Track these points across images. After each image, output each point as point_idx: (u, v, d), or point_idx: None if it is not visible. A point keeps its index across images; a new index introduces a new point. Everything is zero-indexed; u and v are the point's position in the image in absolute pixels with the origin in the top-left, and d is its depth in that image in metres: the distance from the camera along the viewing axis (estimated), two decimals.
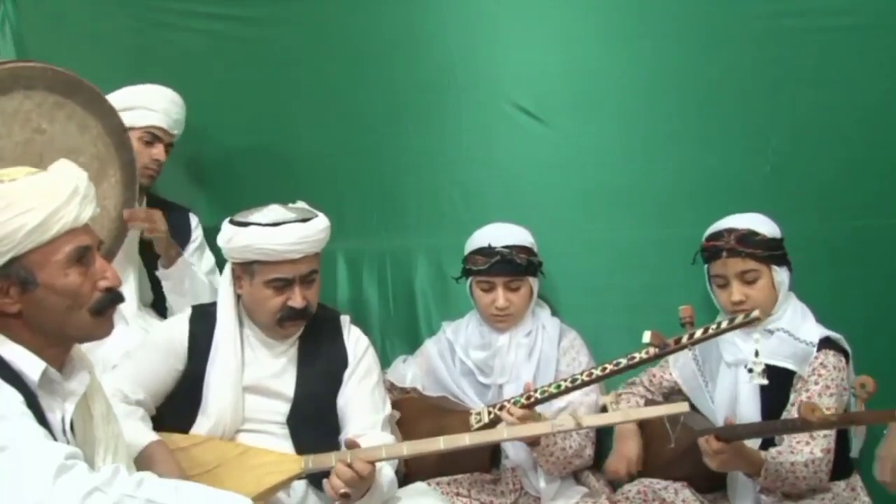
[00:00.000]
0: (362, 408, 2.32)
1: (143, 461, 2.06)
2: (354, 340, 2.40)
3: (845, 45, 2.77)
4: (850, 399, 2.38)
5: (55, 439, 1.60)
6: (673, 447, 2.31)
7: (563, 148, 2.94)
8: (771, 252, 2.41)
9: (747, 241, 2.39)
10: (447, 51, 3.00)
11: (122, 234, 2.64)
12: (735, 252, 2.39)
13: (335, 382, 2.34)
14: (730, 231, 2.42)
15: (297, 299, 2.25)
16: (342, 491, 2.01)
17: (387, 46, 3.04)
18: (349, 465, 2.02)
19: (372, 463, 2.05)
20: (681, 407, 2.22)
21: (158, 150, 2.81)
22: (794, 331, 2.41)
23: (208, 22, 3.16)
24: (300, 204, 2.36)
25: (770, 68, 2.82)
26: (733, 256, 2.39)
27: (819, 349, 2.38)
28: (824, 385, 2.33)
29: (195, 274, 2.79)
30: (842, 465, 2.37)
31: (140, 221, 2.63)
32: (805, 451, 2.28)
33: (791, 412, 2.34)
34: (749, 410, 2.39)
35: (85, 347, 2.25)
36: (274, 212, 2.27)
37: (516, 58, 2.96)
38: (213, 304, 2.36)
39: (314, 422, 2.30)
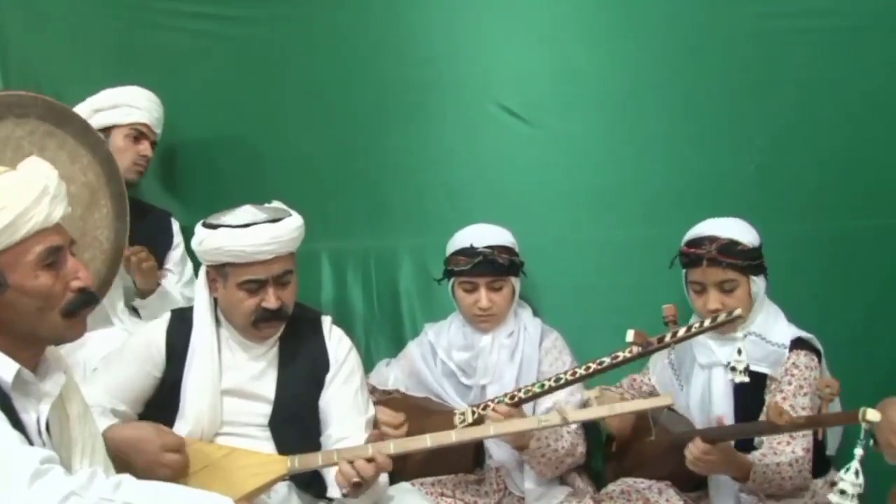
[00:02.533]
0: (346, 411, 2.31)
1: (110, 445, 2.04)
2: (336, 342, 2.39)
3: (831, 47, 2.79)
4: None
5: (30, 441, 1.59)
6: (653, 440, 2.31)
7: (549, 148, 2.94)
8: (750, 262, 2.40)
9: (728, 252, 2.38)
10: (433, 51, 3.00)
11: (116, 264, 2.63)
12: (715, 262, 2.37)
13: (317, 384, 2.33)
14: (711, 240, 2.40)
15: (270, 300, 2.23)
16: (355, 480, 2.01)
17: (373, 46, 3.04)
18: (370, 460, 2.02)
19: (391, 457, 2.05)
20: (664, 400, 2.24)
21: (145, 147, 2.84)
22: (765, 334, 2.42)
23: (194, 21, 3.15)
24: (276, 203, 2.34)
25: (756, 69, 2.84)
26: (713, 266, 2.38)
27: (791, 349, 2.39)
28: (798, 385, 2.34)
29: (172, 298, 2.79)
30: (819, 463, 2.37)
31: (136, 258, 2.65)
32: (787, 451, 2.28)
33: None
34: (722, 412, 2.39)
35: (66, 349, 2.25)
36: (245, 213, 2.26)
37: (502, 58, 2.97)
38: (192, 309, 2.35)
39: (296, 423, 2.29)
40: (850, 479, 1.75)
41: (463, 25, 2.99)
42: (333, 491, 2.15)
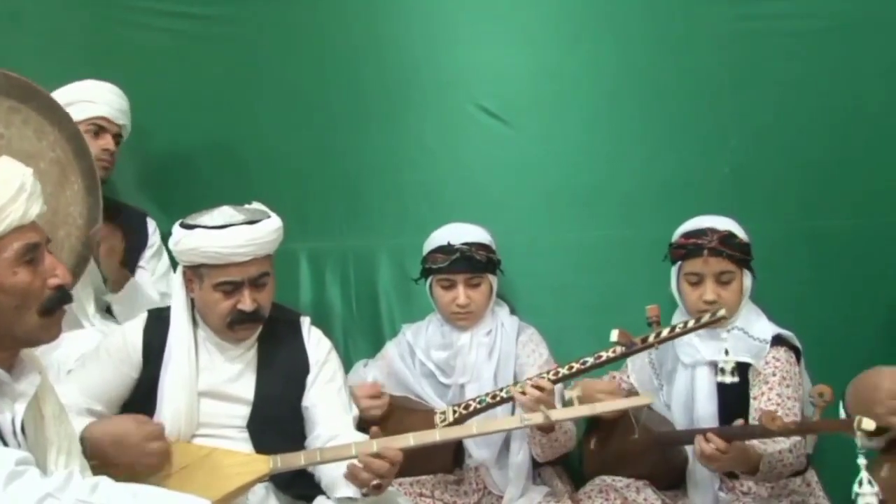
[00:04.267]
0: (332, 410, 2.30)
1: (89, 442, 2.03)
2: (315, 342, 2.37)
3: (805, 48, 2.82)
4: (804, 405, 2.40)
5: (5, 442, 1.57)
6: (636, 438, 2.32)
7: (527, 149, 2.96)
8: (745, 256, 2.45)
9: (728, 243, 2.42)
10: (411, 51, 3.01)
11: (90, 240, 2.59)
12: (716, 251, 2.40)
13: (297, 386, 2.32)
14: (712, 231, 2.43)
15: (246, 302, 2.21)
16: (375, 482, 2.00)
17: (351, 46, 3.04)
18: (378, 456, 2.01)
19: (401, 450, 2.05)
20: (645, 399, 2.27)
21: (106, 141, 2.76)
22: (748, 328, 2.45)
23: (170, 20, 3.12)
24: (255, 205, 2.32)
25: (731, 70, 2.87)
26: (715, 255, 2.40)
27: (772, 346, 2.41)
28: (781, 376, 2.36)
29: (145, 293, 2.75)
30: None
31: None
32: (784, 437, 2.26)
33: (754, 407, 2.36)
34: (707, 411, 2.41)
35: (41, 350, 2.22)
36: (223, 214, 2.24)
37: (480, 59, 2.97)
38: (169, 309, 2.33)
39: (275, 425, 2.27)
40: (866, 490, 1.77)
41: (442, 26, 3.00)
42: (346, 490, 2.11)
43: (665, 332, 2.31)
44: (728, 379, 2.29)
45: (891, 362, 2.64)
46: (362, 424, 2.36)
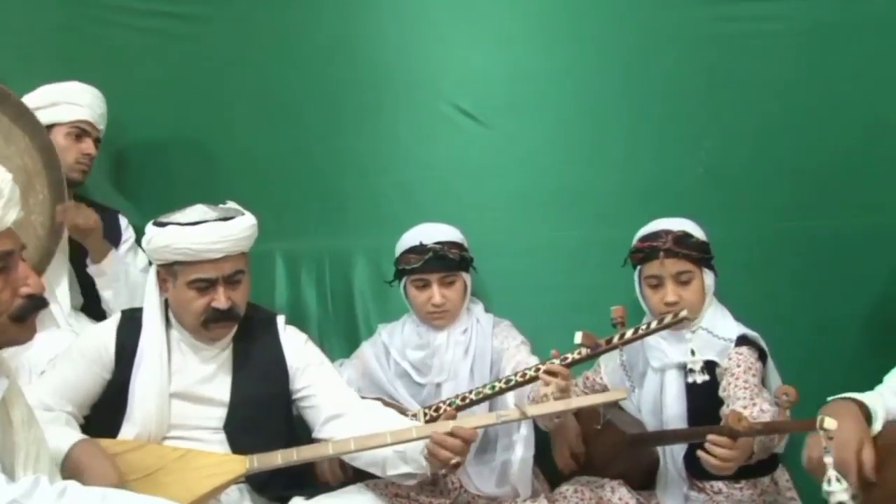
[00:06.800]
0: (335, 388, 2.33)
1: (70, 463, 2.01)
2: (290, 338, 2.38)
3: (779, 51, 2.83)
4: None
5: None
6: (599, 428, 2.34)
7: (503, 149, 2.96)
8: (703, 255, 2.45)
9: (684, 243, 2.43)
10: (386, 51, 3.01)
11: (51, 251, 2.57)
12: (672, 252, 2.41)
13: (274, 384, 2.32)
14: (666, 232, 2.45)
15: (220, 300, 2.20)
16: (455, 461, 2.07)
17: (325, 46, 3.03)
18: (451, 435, 2.07)
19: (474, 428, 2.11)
20: (619, 394, 2.28)
21: (88, 145, 2.77)
22: (712, 328, 2.45)
23: (144, 19, 3.12)
24: (230, 204, 2.32)
25: (706, 72, 2.88)
26: (671, 257, 2.42)
27: (736, 345, 2.41)
28: (746, 366, 2.35)
29: (129, 267, 2.75)
30: (766, 460, 2.37)
31: (73, 218, 2.55)
32: (755, 412, 2.22)
33: (724, 400, 2.35)
34: (675, 413, 2.43)
35: (11, 351, 2.20)
36: (196, 211, 2.24)
37: (455, 59, 2.98)
38: (142, 309, 2.31)
39: (253, 426, 2.27)
40: (836, 487, 1.77)
41: (417, 26, 3.00)
42: (403, 467, 2.19)
43: (629, 333, 2.32)
44: (699, 378, 2.28)
45: (871, 364, 2.65)
46: None
